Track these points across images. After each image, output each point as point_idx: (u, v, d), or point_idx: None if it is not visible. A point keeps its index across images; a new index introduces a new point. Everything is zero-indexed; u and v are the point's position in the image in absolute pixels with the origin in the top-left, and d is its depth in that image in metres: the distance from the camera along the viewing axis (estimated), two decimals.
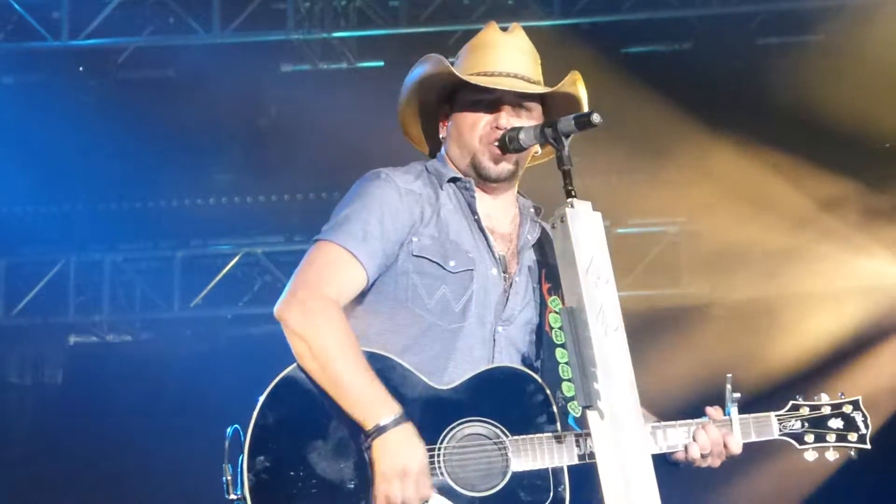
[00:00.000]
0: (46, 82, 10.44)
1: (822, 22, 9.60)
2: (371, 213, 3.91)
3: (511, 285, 4.04)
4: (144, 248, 11.11)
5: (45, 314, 10.91)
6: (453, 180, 4.09)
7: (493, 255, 4.03)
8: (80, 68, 10.50)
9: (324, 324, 3.76)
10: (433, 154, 4.25)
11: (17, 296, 10.88)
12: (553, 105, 4.12)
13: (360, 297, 3.94)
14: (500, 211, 4.12)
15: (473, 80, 4.01)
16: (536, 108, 4.10)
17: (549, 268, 4.07)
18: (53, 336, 11.16)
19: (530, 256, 4.11)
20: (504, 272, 4.04)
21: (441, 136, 4.15)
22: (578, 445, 3.81)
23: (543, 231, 4.17)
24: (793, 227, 9.72)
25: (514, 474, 3.78)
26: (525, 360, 4.01)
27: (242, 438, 3.71)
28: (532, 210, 4.18)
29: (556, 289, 4.01)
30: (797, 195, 9.58)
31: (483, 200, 4.08)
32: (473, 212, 4.05)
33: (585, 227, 3.71)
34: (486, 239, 4.04)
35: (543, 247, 4.14)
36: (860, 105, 9.12)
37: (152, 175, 10.37)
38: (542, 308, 4.01)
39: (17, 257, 10.92)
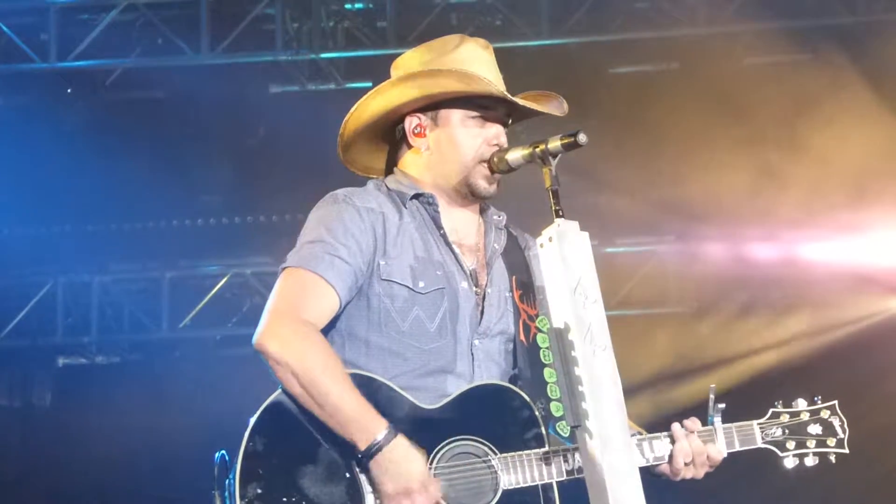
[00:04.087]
0: (34, 104, 10.43)
1: (811, 41, 9.63)
2: (335, 237, 3.88)
3: (484, 297, 4.02)
4: (133, 270, 11.10)
5: (33, 336, 10.90)
6: (416, 196, 4.04)
7: (463, 270, 4.00)
8: (69, 90, 10.50)
9: (304, 347, 3.74)
10: (384, 171, 4.20)
11: (5, 318, 10.85)
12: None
13: (335, 322, 3.91)
14: (466, 223, 4.08)
15: (527, 103, 3.98)
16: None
17: (518, 274, 4.07)
18: (42, 358, 11.15)
19: (500, 265, 4.09)
20: (475, 285, 4.02)
21: (422, 149, 4.05)
22: (566, 461, 3.83)
23: (510, 238, 4.15)
24: (783, 241, 9.76)
25: (505, 492, 3.78)
26: (504, 372, 4.01)
27: (229, 464, 3.69)
28: (496, 218, 4.14)
29: (527, 295, 4.03)
30: (786, 210, 9.61)
31: (448, 214, 4.04)
32: (439, 227, 4.01)
33: (573, 246, 3.70)
34: (454, 254, 4.01)
35: (511, 254, 4.12)
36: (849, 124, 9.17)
37: (140, 196, 10.36)
38: (517, 316, 4.02)
39: (4, 279, 10.89)
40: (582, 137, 3.78)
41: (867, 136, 9.24)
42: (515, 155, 3.94)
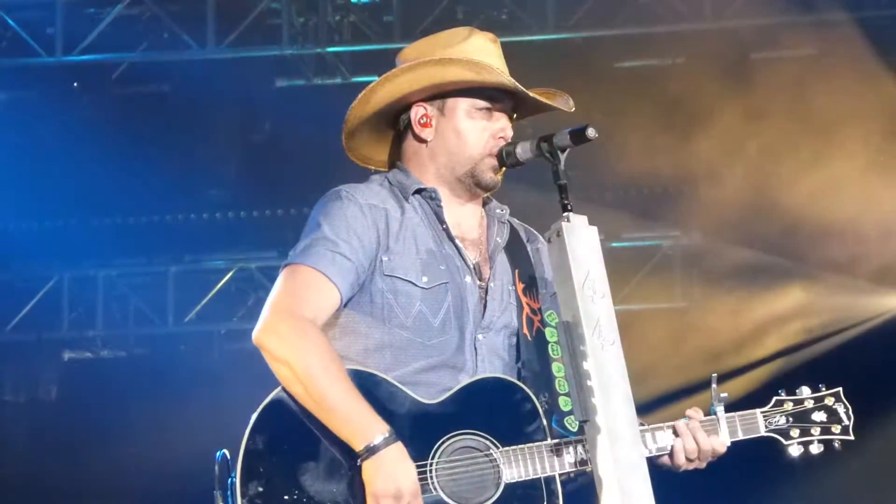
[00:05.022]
0: (40, 98, 10.43)
1: (817, 36, 9.62)
2: (337, 234, 3.86)
3: (487, 291, 3.99)
4: (138, 264, 11.10)
5: (38, 330, 10.89)
6: (418, 191, 4.02)
7: (466, 264, 3.99)
8: (75, 84, 10.51)
9: (304, 345, 3.72)
10: (385, 162, 4.19)
11: (11, 312, 10.85)
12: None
13: (337, 317, 3.90)
14: (469, 217, 4.07)
15: (537, 95, 3.97)
16: None
17: (521, 268, 4.05)
18: (47, 352, 11.14)
19: (502, 259, 4.06)
20: (479, 279, 4.00)
21: (428, 139, 4.02)
22: (569, 452, 3.80)
23: (512, 231, 4.13)
24: (788, 236, 9.76)
25: (507, 485, 3.76)
26: (508, 367, 3.99)
27: (231, 463, 3.69)
28: (498, 211, 4.12)
29: (530, 289, 4.02)
30: (792, 204, 9.61)
31: (451, 209, 4.02)
32: (441, 221, 4.00)
33: (582, 241, 3.71)
34: (458, 248, 3.99)
35: (513, 247, 4.10)
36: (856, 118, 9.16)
37: (146, 190, 10.37)
38: (519, 310, 4.00)
39: (10, 273, 10.89)
40: (591, 132, 3.78)
41: (874, 132, 9.23)
42: (523, 148, 3.93)
